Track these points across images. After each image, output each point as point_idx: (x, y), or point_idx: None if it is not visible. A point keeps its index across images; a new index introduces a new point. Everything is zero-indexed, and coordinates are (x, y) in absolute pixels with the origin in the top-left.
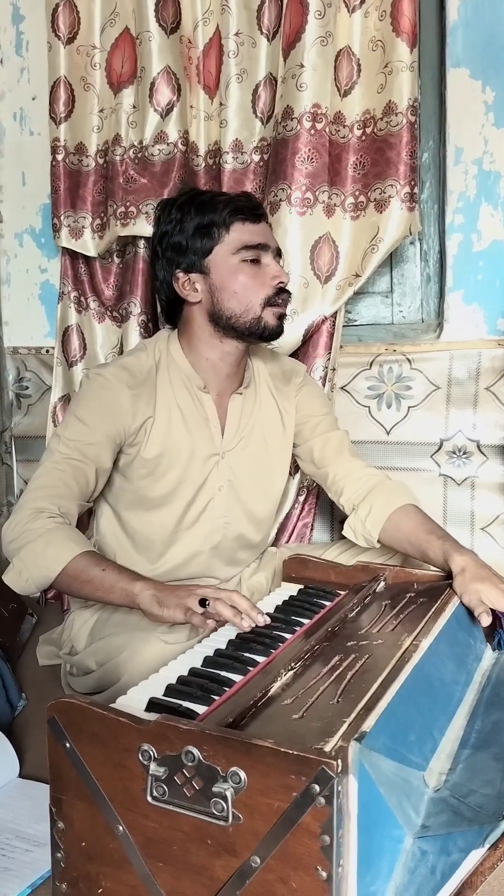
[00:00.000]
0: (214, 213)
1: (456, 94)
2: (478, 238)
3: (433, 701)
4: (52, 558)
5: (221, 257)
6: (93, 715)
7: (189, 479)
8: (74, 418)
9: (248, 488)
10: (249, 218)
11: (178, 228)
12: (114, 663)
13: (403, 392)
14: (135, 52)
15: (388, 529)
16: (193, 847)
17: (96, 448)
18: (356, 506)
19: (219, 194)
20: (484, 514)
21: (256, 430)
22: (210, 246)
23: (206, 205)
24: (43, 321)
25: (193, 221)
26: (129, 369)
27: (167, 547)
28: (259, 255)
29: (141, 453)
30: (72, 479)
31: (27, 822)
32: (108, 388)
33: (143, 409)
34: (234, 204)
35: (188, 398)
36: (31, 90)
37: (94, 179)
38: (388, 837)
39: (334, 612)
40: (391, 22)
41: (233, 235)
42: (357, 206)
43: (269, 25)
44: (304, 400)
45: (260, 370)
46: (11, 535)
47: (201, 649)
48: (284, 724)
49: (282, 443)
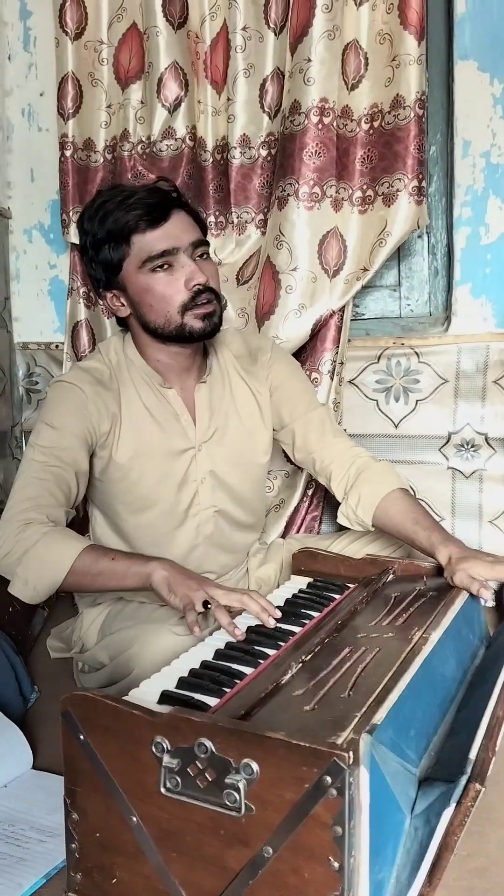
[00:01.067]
0: (114, 225)
1: (464, 87)
2: (486, 231)
3: (434, 696)
4: (57, 560)
5: (131, 272)
6: (106, 708)
7: (168, 476)
8: (44, 425)
9: (232, 474)
10: (149, 224)
11: (89, 243)
12: (125, 656)
13: (411, 385)
14: (142, 47)
15: (378, 517)
16: (206, 838)
17: (72, 452)
18: (346, 493)
19: (122, 196)
20: (492, 506)
21: (231, 415)
22: (118, 259)
23: (107, 215)
24: (52, 317)
25: (98, 236)
26: (89, 371)
27: (162, 546)
28: (168, 260)
29: (114, 457)
30: (55, 488)
31: (41, 813)
32: (71, 391)
33: (108, 407)
34: (131, 212)
35: (153, 397)
36: (38, 86)
37: (102, 175)
38: (392, 824)
39: (344, 606)
40: (398, 15)
41: (135, 248)
42: (365, 200)
43: (276, 20)
44: (276, 377)
45: (224, 355)
46: (4, 549)
47: (213, 642)
48: (296, 716)
49: (259, 423)
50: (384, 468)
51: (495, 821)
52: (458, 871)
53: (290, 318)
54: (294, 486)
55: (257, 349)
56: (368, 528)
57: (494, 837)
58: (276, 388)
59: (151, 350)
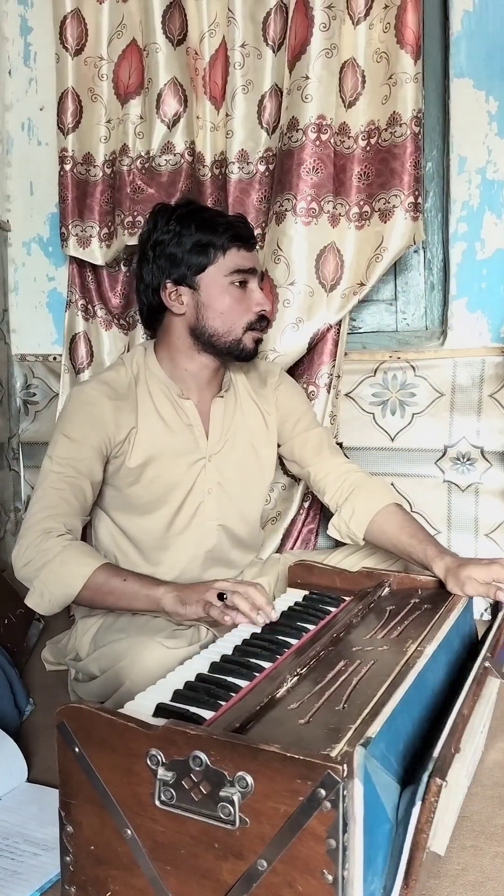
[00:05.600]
0: (214, 235)
1: (459, 105)
2: (481, 247)
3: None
4: (72, 575)
5: (213, 277)
6: (101, 720)
7: (176, 483)
8: (62, 436)
9: (238, 488)
10: (245, 245)
11: (175, 240)
12: (115, 669)
13: (408, 399)
14: (142, 63)
15: (372, 531)
16: (201, 851)
17: (88, 462)
18: (339, 506)
19: (218, 214)
20: (488, 520)
21: (241, 431)
22: (204, 264)
23: (206, 224)
24: (50, 329)
25: (193, 237)
26: (108, 383)
27: (162, 551)
28: (247, 279)
29: (126, 463)
30: (71, 496)
31: (35, 826)
32: (90, 403)
33: (126, 420)
34: (233, 230)
35: (169, 406)
36: (38, 101)
37: (101, 189)
38: (382, 834)
39: (340, 618)
40: (395, 34)
41: (228, 259)
42: (361, 216)
43: (274, 37)
44: (282, 398)
45: (237, 377)
46: (25, 558)
47: (208, 655)
48: (291, 728)
49: (266, 442)
50: (378, 484)
51: (490, 835)
52: (453, 885)
53: (287, 332)
54: (291, 498)
55: (266, 373)
56: (359, 542)
57: (489, 852)
58: (281, 408)
59: (182, 357)
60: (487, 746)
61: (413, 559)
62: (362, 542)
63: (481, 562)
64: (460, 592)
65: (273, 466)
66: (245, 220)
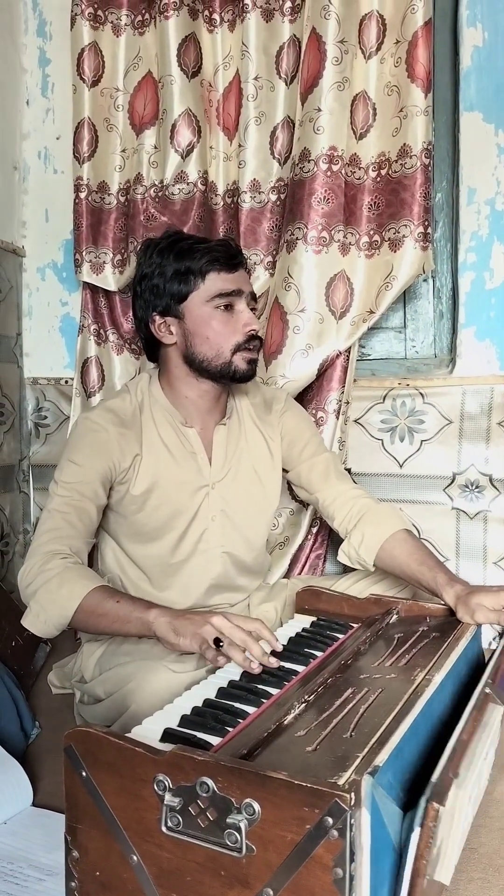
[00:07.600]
0: (192, 261)
1: (469, 137)
2: (490, 276)
3: (432, 739)
4: (67, 596)
5: (196, 304)
6: (109, 744)
7: (180, 511)
8: (68, 462)
9: (242, 515)
10: (225, 267)
11: (157, 272)
12: (122, 693)
13: (416, 426)
14: (157, 94)
15: (382, 557)
16: (207, 878)
17: (92, 486)
18: (349, 532)
19: (199, 241)
20: (497, 547)
21: (244, 458)
22: (186, 292)
23: (184, 252)
24: (63, 352)
25: (171, 267)
26: (114, 411)
27: (169, 578)
28: (232, 301)
29: (130, 490)
30: (76, 520)
31: (40, 851)
32: (95, 430)
33: (131, 447)
34: (211, 254)
35: (173, 434)
36: (55, 130)
37: (115, 217)
38: (388, 862)
39: (347, 645)
40: (406, 68)
41: (208, 284)
42: (371, 245)
43: (287, 70)
44: (287, 425)
45: (241, 403)
46: (27, 579)
47: (215, 681)
48: (298, 756)
49: (270, 468)
50: (388, 510)
51: (498, 868)
52: None
53: (297, 358)
54: (299, 523)
55: (272, 399)
56: (369, 568)
57: (497, 885)
58: (287, 434)
59: (182, 385)
60: (496, 779)
61: (423, 586)
62: (372, 568)
63: (491, 589)
64: (470, 620)
65: (278, 493)
66: (227, 243)
